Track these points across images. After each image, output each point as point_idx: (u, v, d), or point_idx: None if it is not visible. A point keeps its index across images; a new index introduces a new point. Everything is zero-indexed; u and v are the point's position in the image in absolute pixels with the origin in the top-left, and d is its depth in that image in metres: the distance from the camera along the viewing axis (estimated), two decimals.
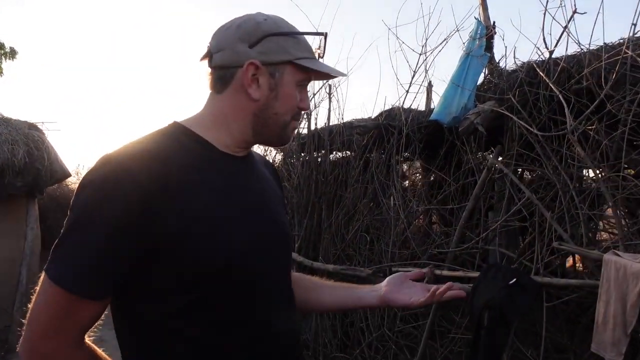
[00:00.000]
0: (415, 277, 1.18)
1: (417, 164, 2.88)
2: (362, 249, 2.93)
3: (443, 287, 1.07)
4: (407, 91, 3.04)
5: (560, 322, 1.88)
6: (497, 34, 2.54)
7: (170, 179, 0.82)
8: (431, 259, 2.52)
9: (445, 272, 2.34)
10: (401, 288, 1.13)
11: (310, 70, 0.94)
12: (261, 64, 0.89)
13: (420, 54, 2.96)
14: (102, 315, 0.85)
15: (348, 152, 3.50)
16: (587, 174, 1.89)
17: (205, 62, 0.96)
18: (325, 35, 1.02)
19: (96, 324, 0.85)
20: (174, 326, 0.84)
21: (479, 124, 2.22)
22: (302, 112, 0.99)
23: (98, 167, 0.81)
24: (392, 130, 3.07)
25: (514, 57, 2.43)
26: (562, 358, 1.86)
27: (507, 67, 2.47)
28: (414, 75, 3.00)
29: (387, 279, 1.17)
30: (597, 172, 1.75)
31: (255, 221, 0.94)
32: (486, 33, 2.52)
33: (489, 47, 2.59)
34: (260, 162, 1.13)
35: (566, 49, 2.06)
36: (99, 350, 0.90)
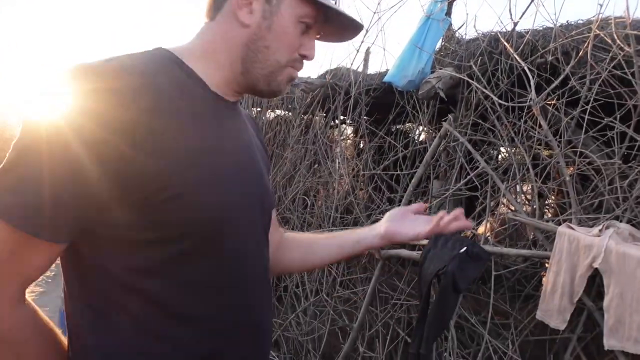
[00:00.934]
0: (417, 211, 1.15)
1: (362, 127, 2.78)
2: (302, 212, 2.81)
3: (450, 216, 1.09)
4: (358, 50, 2.91)
5: (504, 290, 1.93)
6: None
7: (161, 107, 0.70)
8: (374, 222, 2.47)
9: None
10: (403, 222, 1.12)
11: (317, 4, 0.79)
12: None
13: (374, 12, 2.83)
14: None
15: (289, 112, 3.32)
16: (541, 149, 1.91)
17: None
18: None
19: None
20: (139, 284, 0.72)
21: (440, 89, 2.16)
22: (303, 60, 0.85)
23: (75, 75, 0.67)
24: (338, 91, 2.94)
25: (475, 27, 2.39)
26: (503, 324, 1.92)
27: (466, 35, 2.43)
28: (365, 34, 2.87)
29: (386, 214, 1.14)
30: (557, 146, 1.77)
31: (247, 178, 0.85)
32: None
33: (449, 11, 2.53)
34: (244, 114, 0.99)
35: (533, 24, 2.05)
36: (40, 311, 0.73)
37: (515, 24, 2.14)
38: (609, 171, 1.75)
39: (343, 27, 0.87)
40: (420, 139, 2.94)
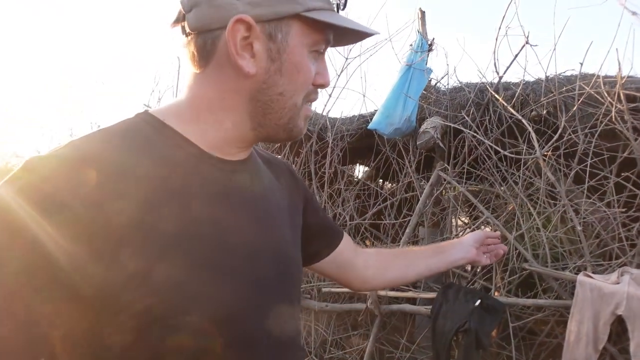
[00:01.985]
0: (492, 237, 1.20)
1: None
2: None
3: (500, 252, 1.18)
4: (330, 95, 2.86)
5: (518, 340, 1.92)
6: (439, 51, 2.55)
7: (122, 201, 0.57)
8: None
9: (392, 293, 2.21)
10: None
11: (330, 26, 0.65)
12: (254, 21, 0.61)
13: (346, 58, 2.81)
14: None
15: None
16: (543, 198, 1.98)
17: (179, 28, 0.66)
18: None
19: None
20: None
21: (438, 139, 2.16)
22: (319, 90, 0.72)
23: (16, 178, 0.56)
24: (309, 135, 2.84)
25: (456, 76, 2.47)
26: None
27: (448, 85, 2.49)
28: (337, 79, 2.83)
29: (471, 237, 1.17)
30: (566, 197, 1.84)
31: (249, 267, 0.67)
32: (428, 48, 2.51)
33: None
34: (265, 163, 0.84)
35: (523, 76, 2.16)
36: None
37: (500, 77, 2.24)
38: (608, 221, 1.85)
39: (352, 32, 0.71)
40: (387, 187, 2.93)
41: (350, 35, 0.72)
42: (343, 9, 0.70)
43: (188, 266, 0.60)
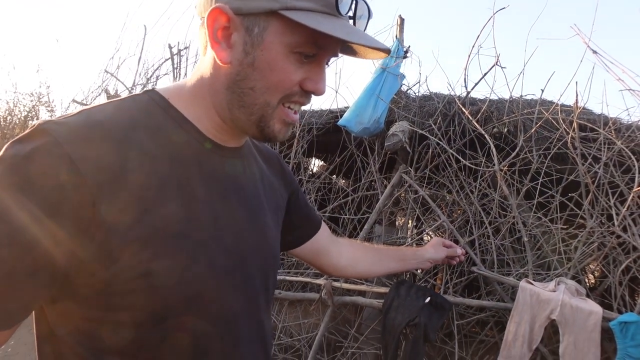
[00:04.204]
0: (450, 246, 1.52)
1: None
2: None
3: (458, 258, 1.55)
4: None
5: (460, 337, 2.07)
6: (414, 59, 2.66)
7: (129, 171, 0.59)
8: None
9: (346, 285, 2.29)
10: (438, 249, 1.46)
11: (312, 30, 0.60)
12: (233, 13, 0.63)
13: None
14: None
15: None
16: (495, 208, 2.14)
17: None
18: None
19: None
20: None
21: (406, 143, 2.26)
22: (306, 95, 0.69)
23: (27, 139, 0.56)
24: None
25: (427, 86, 2.58)
26: None
27: (419, 92, 2.61)
28: None
29: (432, 242, 1.50)
30: (516, 210, 2.00)
31: (233, 244, 0.71)
32: (403, 55, 2.61)
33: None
34: (258, 152, 0.88)
35: (490, 94, 2.31)
36: None
37: (468, 93, 2.38)
38: (550, 235, 2.05)
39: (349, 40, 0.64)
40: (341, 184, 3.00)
41: (358, 46, 0.68)
42: (353, 17, 0.67)
43: (187, 259, 0.63)
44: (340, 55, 0.73)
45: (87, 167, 0.55)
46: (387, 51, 0.68)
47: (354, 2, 0.66)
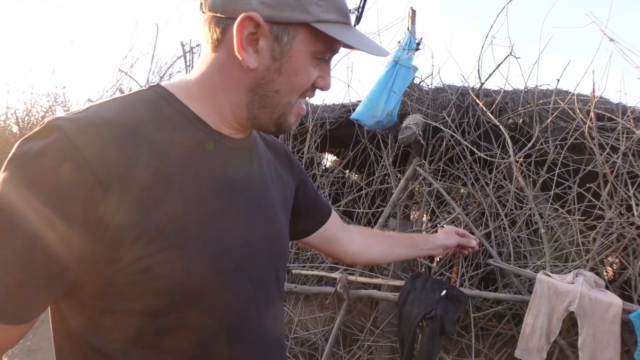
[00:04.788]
0: (463, 234, 1.44)
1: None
2: None
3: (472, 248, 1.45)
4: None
5: (477, 330, 2.06)
6: (426, 51, 2.64)
7: (139, 166, 0.60)
8: (337, 263, 2.44)
9: (361, 278, 2.29)
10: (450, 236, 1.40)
11: (335, 40, 0.68)
12: (264, 21, 0.64)
13: None
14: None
15: None
16: (511, 201, 2.12)
17: (199, 3, 0.70)
18: None
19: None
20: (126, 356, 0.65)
21: (420, 135, 2.25)
22: (315, 90, 0.75)
23: (37, 136, 0.57)
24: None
25: (440, 77, 2.56)
26: None
27: (432, 84, 2.59)
28: None
29: (444, 229, 1.44)
30: (533, 202, 1.98)
31: (242, 234, 0.72)
32: (416, 47, 2.59)
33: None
34: (265, 143, 0.90)
35: (505, 85, 2.29)
36: None
37: (482, 84, 2.35)
38: (569, 226, 2.02)
39: (363, 50, 0.73)
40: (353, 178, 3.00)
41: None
42: (358, 23, 0.76)
43: (199, 234, 0.64)
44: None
45: (97, 163, 0.56)
46: (386, 54, 0.77)
47: (361, 8, 0.73)
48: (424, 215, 2.44)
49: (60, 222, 0.55)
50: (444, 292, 2.06)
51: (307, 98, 0.76)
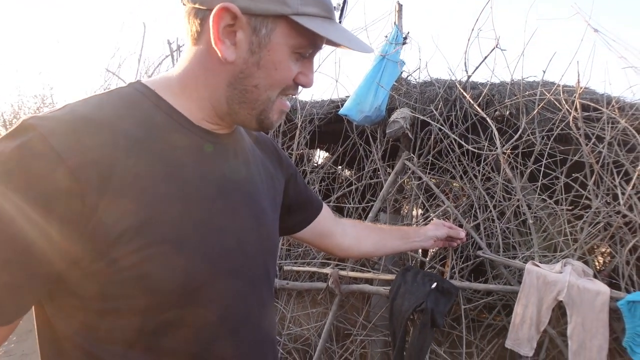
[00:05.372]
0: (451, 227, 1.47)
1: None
2: None
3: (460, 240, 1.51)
4: None
5: (468, 321, 2.07)
6: (413, 45, 2.63)
7: (118, 162, 0.60)
8: (328, 258, 2.44)
9: (352, 273, 2.30)
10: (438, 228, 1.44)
11: (316, 35, 0.67)
12: (241, 12, 0.64)
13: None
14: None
15: None
16: (499, 193, 2.13)
17: None
18: None
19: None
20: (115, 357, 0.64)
21: (408, 129, 2.25)
22: (297, 87, 0.74)
23: (12, 136, 0.57)
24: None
25: (427, 71, 2.57)
26: (467, 352, 2.06)
27: (419, 78, 2.59)
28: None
29: (433, 222, 1.47)
30: (521, 193, 1.99)
31: (229, 230, 0.72)
32: (402, 41, 2.59)
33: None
34: (252, 139, 0.90)
35: (491, 78, 2.29)
36: None
37: (469, 77, 2.36)
38: (556, 217, 2.04)
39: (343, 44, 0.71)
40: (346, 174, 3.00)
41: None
42: (341, 19, 0.74)
43: (184, 229, 0.64)
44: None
45: (73, 160, 0.56)
46: (371, 51, 0.76)
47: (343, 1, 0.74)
48: (414, 208, 2.45)
49: (39, 219, 0.54)
50: (434, 285, 2.07)
51: (290, 95, 0.74)
